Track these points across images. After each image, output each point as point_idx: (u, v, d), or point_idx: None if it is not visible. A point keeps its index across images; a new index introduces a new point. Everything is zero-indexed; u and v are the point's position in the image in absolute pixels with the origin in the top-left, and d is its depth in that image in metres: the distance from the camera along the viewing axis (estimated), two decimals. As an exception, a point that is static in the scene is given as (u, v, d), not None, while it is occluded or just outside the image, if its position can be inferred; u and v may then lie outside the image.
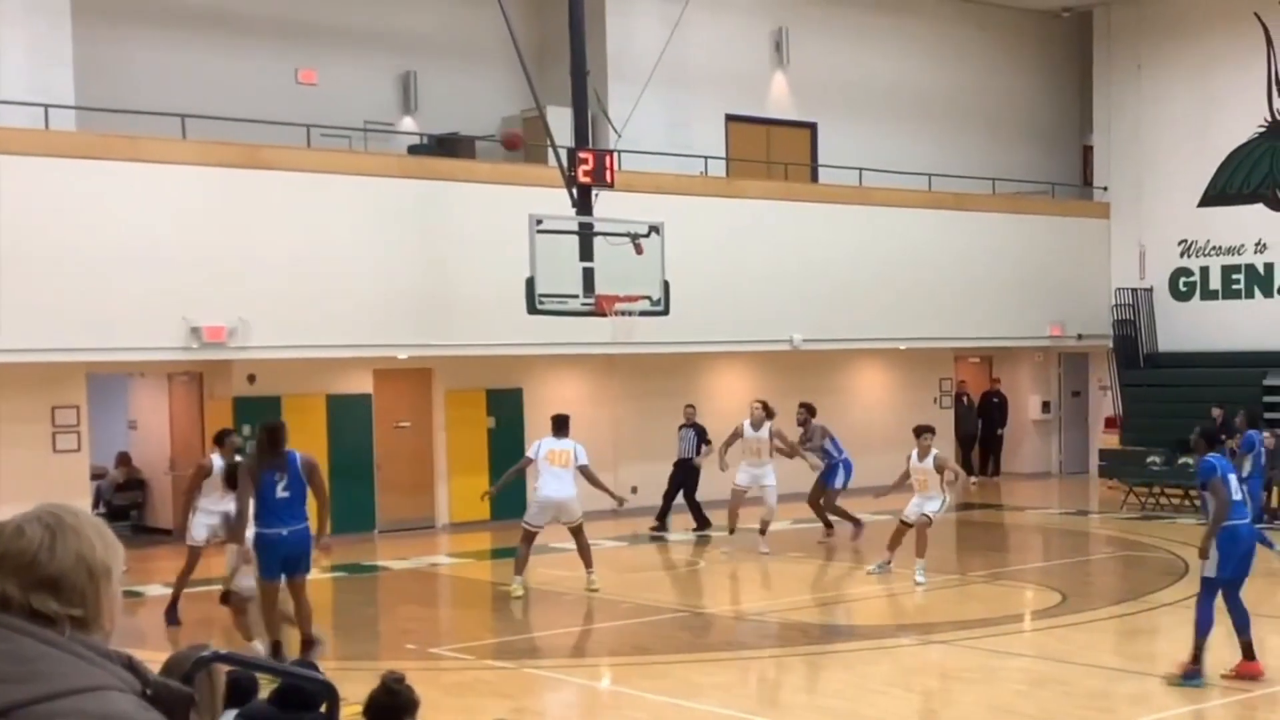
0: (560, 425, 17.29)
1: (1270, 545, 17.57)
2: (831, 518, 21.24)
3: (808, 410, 21.32)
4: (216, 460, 14.94)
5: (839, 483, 21.13)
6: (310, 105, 22.59)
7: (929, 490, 18.01)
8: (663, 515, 22.86)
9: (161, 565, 20.04)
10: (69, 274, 18.51)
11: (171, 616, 15.38)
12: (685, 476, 22.75)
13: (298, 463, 12.91)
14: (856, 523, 20.87)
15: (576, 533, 17.18)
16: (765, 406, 20.74)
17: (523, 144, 19.37)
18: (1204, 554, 12.28)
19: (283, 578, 12.98)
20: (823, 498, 21.21)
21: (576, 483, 16.99)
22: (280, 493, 12.78)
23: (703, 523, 22.55)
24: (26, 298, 18.15)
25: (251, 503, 12.96)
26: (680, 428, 23.07)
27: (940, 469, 17.96)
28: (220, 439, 15.60)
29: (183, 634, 14.71)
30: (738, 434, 20.72)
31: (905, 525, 18.12)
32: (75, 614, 2.59)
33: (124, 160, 19.05)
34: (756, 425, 20.56)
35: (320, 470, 13.29)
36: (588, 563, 17.25)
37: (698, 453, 22.51)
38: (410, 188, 21.47)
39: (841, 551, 20.40)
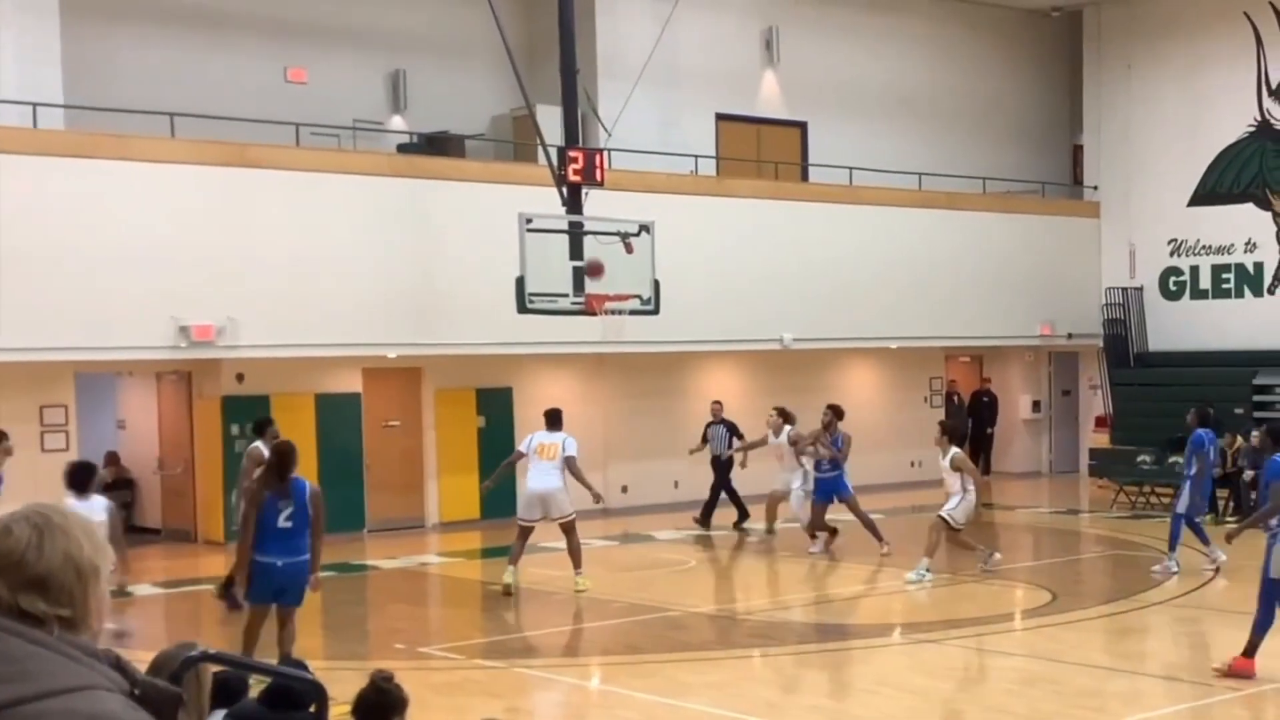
0: (553, 419, 17.25)
1: (1205, 541, 17.87)
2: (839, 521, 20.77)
3: (834, 412, 20.55)
4: (265, 450, 14.88)
5: (850, 490, 20.28)
6: (299, 104, 22.55)
7: (950, 489, 17.91)
8: (740, 510, 22.80)
9: (151, 565, 20.02)
10: (57, 273, 18.46)
11: (230, 598, 15.13)
12: (719, 472, 22.82)
13: (305, 493, 12.12)
14: (834, 531, 20.36)
15: (568, 531, 17.13)
16: (782, 413, 20.98)
17: (603, 272, 19.29)
18: (1230, 539, 12.80)
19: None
20: (846, 506, 20.36)
21: (564, 477, 16.97)
22: (283, 521, 12.00)
23: (706, 521, 22.61)
24: (14, 297, 18.09)
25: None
26: (708, 425, 23.08)
27: (956, 470, 17.84)
28: (260, 429, 15.64)
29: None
30: (763, 441, 21.30)
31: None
32: (63, 614, 2.59)
33: (112, 159, 19.01)
34: (776, 432, 20.95)
35: (323, 505, 12.37)
36: (576, 563, 17.20)
37: (729, 447, 22.54)
38: (400, 186, 21.44)
39: (839, 552, 20.35)
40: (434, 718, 10.74)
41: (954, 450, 17.87)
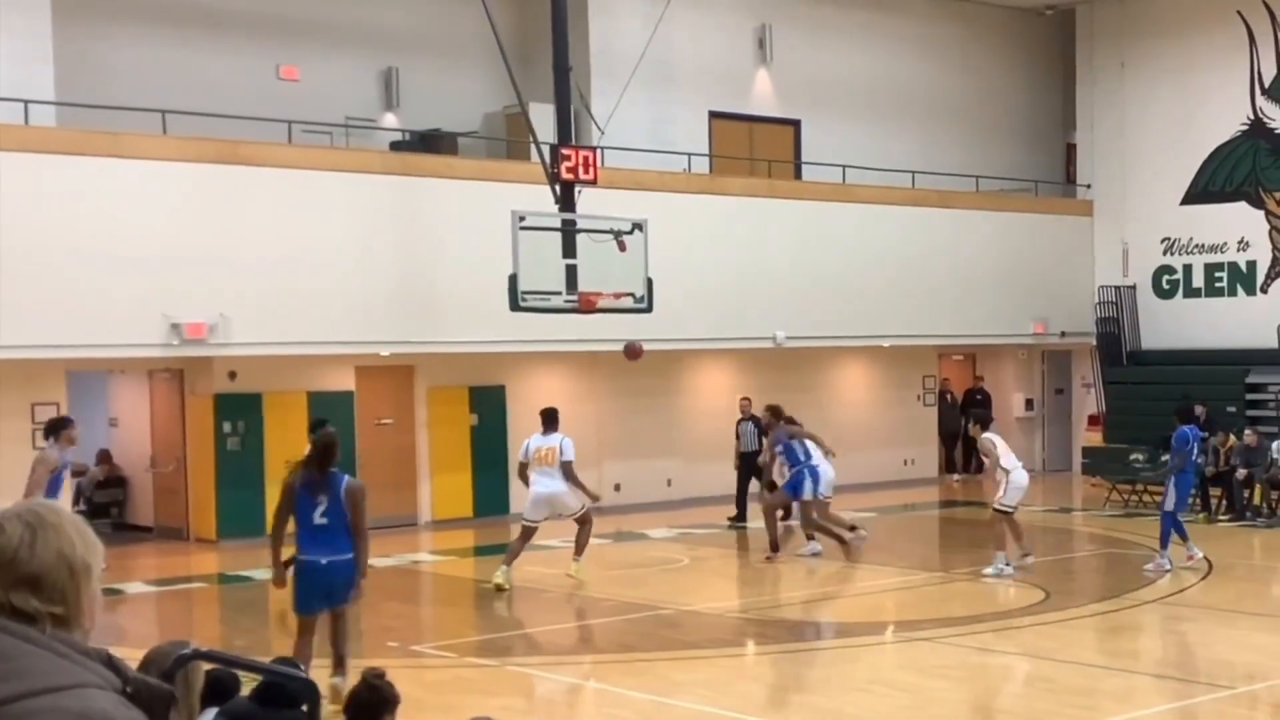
0: (548, 421, 17.20)
1: (1184, 537, 17.96)
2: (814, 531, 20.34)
3: (771, 413, 20.28)
4: None
5: (808, 492, 19.51)
6: (292, 101, 22.51)
7: (995, 475, 18.22)
8: (740, 506, 22.95)
9: (142, 563, 20.01)
10: (49, 270, 18.41)
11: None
12: (750, 469, 22.80)
13: (342, 487, 11.30)
14: (851, 530, 19.89)
15: (581, 523, 17.29)
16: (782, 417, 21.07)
17: (641, 353, 19.50)
18: None
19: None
20: (810, 511, 19.83)
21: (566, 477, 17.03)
22: (318, 518, 11.26)
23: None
24: (5, 294, 18.03)
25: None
26: (739, 422, 23.06)
27: (985, 455, 18.15)
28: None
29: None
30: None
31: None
32: (55, 612, 2.59)
33: (104, 156, 18.96)
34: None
35: (364, 501, 11.47)
36: (578, 550, 17.26)
37: (758, 442, 22.50)
38: (392, 184, 21.41)
39: (831, 551, 20.34)
40: (427, 716, 10.73)
41: (981, 436, 18.26)
